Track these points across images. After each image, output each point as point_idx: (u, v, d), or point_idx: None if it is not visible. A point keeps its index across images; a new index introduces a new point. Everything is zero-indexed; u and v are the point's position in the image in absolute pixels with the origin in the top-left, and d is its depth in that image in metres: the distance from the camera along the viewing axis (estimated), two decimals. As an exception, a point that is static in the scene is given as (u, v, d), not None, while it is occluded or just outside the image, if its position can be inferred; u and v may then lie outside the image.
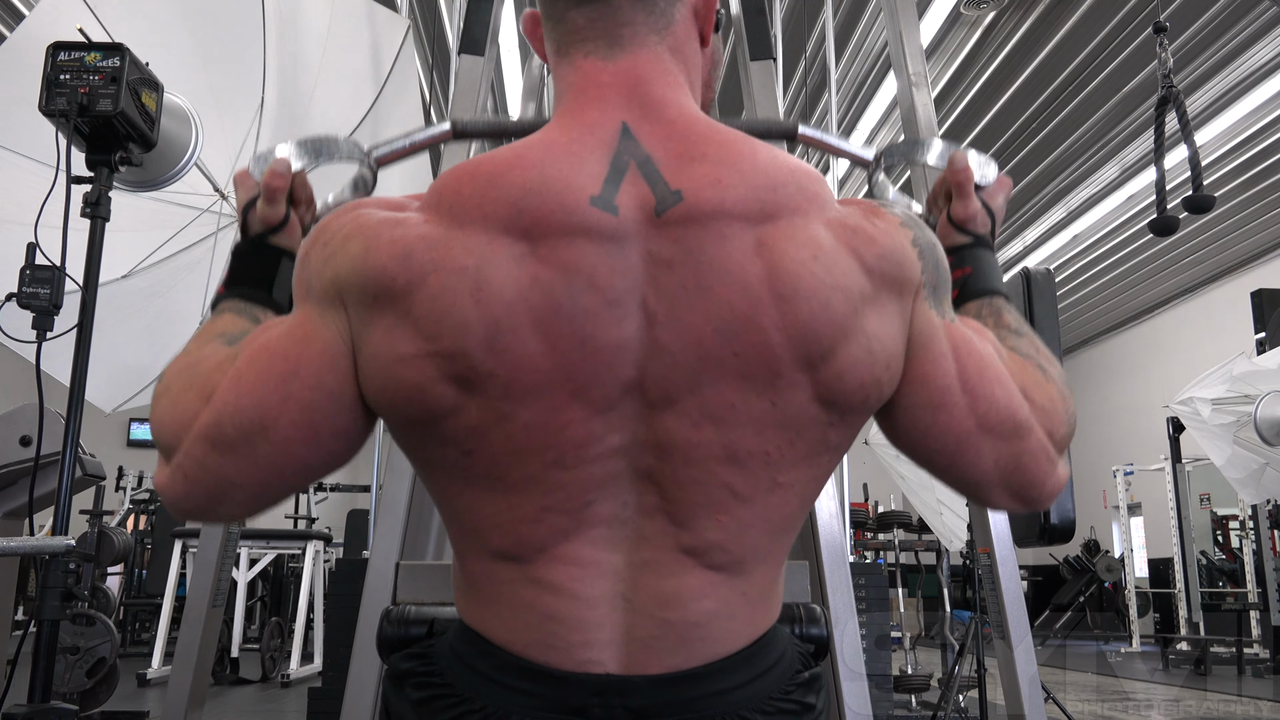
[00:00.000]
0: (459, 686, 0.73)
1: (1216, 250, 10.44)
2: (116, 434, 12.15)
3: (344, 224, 0.73)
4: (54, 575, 1.80)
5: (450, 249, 0.68)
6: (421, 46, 6.61)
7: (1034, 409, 0.78)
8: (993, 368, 0.77)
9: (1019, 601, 2.42)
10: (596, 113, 0.75)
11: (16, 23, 5.87)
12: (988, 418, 0.76)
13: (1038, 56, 6.82)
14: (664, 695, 0.71)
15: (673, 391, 0.69)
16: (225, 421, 0.71)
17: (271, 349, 0.73)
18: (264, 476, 0.73)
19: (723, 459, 0.70)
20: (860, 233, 0.73)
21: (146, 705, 4.89)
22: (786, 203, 0.71)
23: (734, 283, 0.68)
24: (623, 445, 0.70)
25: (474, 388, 0.68)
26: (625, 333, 0.68)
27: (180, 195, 2.61)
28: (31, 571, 6.28)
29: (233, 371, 0.73)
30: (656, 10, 0.78)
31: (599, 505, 0.71)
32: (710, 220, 0.69)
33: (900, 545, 6.11)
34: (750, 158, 0.72)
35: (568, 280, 0.68)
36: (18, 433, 2.45)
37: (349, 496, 12.22)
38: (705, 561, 0.72)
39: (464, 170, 0.72)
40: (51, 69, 1.89)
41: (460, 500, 0.74)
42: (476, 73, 2.30)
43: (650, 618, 0.71)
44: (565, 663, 0.71)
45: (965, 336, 0.78)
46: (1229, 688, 7.04)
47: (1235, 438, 5.21)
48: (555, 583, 0.71)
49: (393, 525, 1.97)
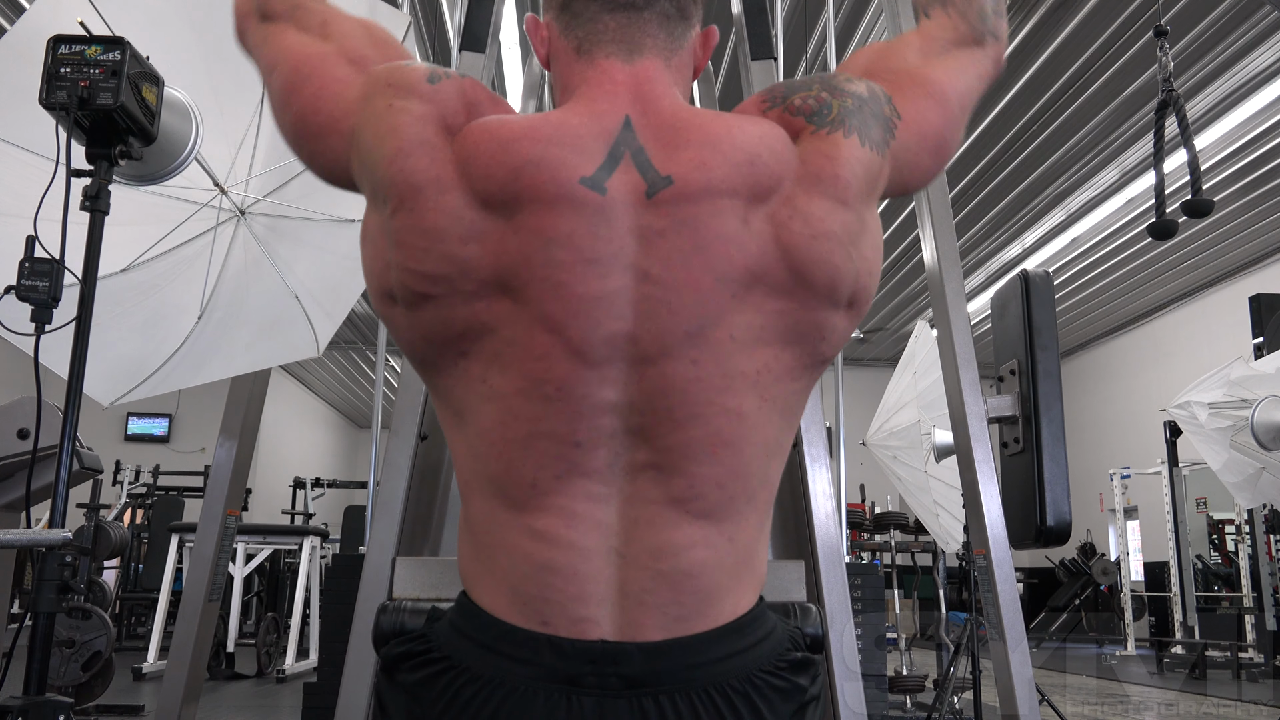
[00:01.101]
0: (457, 659, 0.76)
1: (1215, 255, 10.45)
2: (114, 428, 12.14)
3: (406, 109, 0.83)
4: (50, 568, 1.80)
5: (444, 197, 0.79)
6: (423, 43, 6.61)
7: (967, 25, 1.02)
8: (935, 86, 0.95)
9: (1014, 603, 2.43)
10: (607, 104, 0.85)
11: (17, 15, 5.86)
12: (964, 100, 0.98)
13: (1038, 59, 6.82)
14: (656, 664, 0.75)
15: (669, 340, 0.78)
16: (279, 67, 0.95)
17: (321, 73, 0.91)
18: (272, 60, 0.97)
19: (720, 388, 0.79)
20: (825, 175, 0.83)
21: (142, 699, 4.89)
22: (764, 171, 0.82)
23: (730, 241, 0.79)
24: (615, 403, 0.78)
25: (445, 295, 0.79)
26: (607, 287, 0.78)
27: (180, 190, 2.60)
28: (28, 564, 6.28)
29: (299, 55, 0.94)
30: (675, 34, 0.91)
31: (590, 452, 0.77)
32: (701, 196, 0.80)
33: (896, 546, 6.12)
34: (727, 136, 0.82)
35: (539, 238, 0.78)
36: (15, 425, 2.45)
37: (346, 493, 12.24)
38: (694, 509, 0.78)
39: (492, 127, 0.82)
40: (52, 62, 1.89)
41: (464, 406, 0.82)
42: (477, 70, 2.31)
43: (644, 569, 0.76)
44: (561, 622, 0.75)
45: (904, 92, 0.93)
46: (1224, 692, 7.05)
47: (1232, 442, 5.22)
48: (550, 532, 0.77)
49: (389, 522, 1.97)
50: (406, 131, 0.82)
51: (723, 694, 0.75)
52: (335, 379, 15.89)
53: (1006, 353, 2.81)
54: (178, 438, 12.47)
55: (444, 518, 2.23)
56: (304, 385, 16.06)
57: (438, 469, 2.23)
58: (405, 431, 2.06)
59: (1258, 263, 10.56)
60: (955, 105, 0.97)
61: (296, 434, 15.53)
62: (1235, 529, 9.48)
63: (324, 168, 0.92)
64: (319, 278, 2.66)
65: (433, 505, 2.22)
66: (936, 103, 0.95)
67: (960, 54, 1.01)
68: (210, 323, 2.64)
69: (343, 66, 0.91)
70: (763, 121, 0.85)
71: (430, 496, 2.21)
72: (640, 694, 0.74)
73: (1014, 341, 2.77)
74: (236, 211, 2.71)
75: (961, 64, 1.00)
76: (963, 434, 2.59)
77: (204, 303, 2.65)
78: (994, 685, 2.36)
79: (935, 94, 0.95)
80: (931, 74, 0.97)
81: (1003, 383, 2.80)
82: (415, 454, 2.06)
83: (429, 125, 0.82)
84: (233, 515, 2.71)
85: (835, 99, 0.87)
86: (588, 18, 0.89)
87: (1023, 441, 2.67)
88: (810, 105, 0.86)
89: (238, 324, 2.65)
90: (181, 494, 9.20)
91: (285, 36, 0.97)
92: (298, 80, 0.92)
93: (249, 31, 1.02)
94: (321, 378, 15.81)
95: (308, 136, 0.91)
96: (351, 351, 14.17)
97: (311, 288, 2.65)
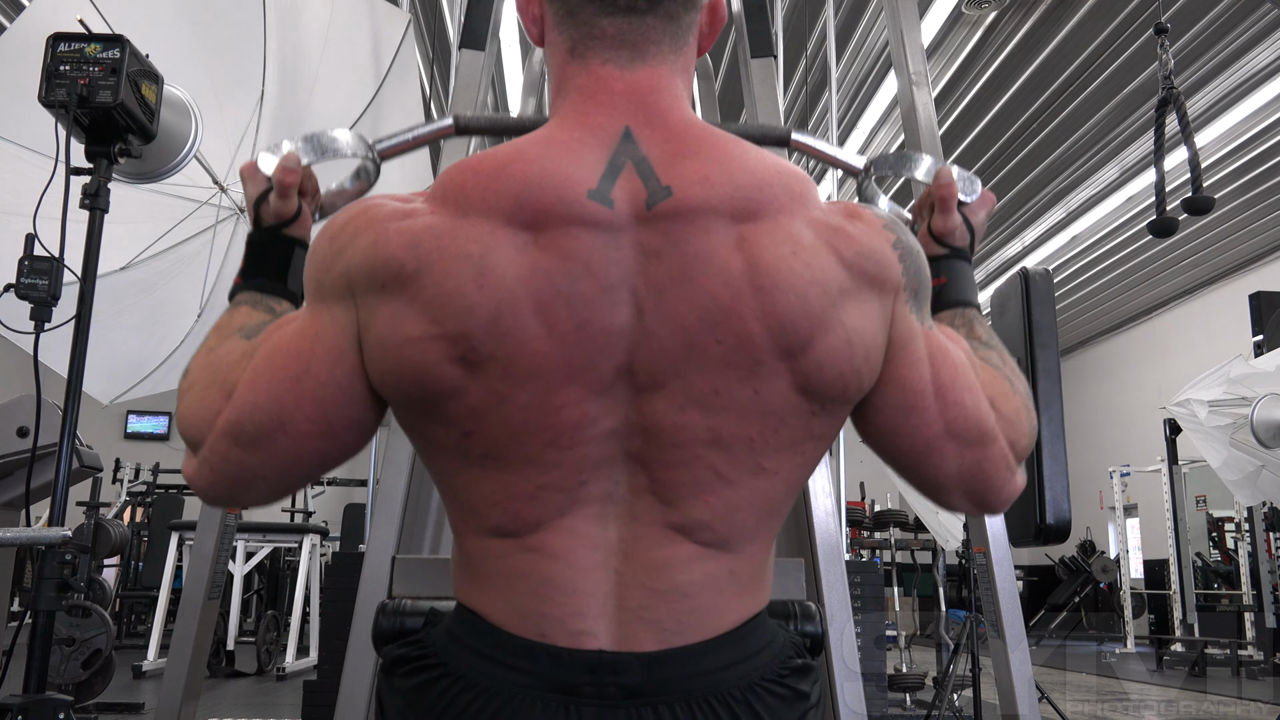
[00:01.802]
0: (454, 666, 0.75)
1: (1215, 252, 10.45)
2: (114, 426, 12.15)
3: (353, 220, 0.76)
4: (50, 566, 1.80)
5: (456, 237, 0.72)
6: (422, 40, 6.60)
7: (999, 418, 0.82)
8: (965, 376, 0.81)
9: (1014, 601, 2.42)
10: (603, 118, 0.78)
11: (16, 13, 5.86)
12: (956, 423, 0.79)
13: (1039, 57, 6.82)
14: (655, 673, 0.73)
15: (660, 376, 0.73)
16: (245, 420, 0.75)
17: (285, 348, 0.77)
18: (284, 468, 0.77)
19: (708, 442, 0.74)
20: (840, 231, 0.76)
21: (142, 697, 4.89)
22: (771, 202, 0.74)
23: (716, 274, 0.72)
24: (615, 429, 0.74)
25: (475, 369, 0.71)
26: (618, 319, 0.72)
27: (179, 188, 2.60)
28: (28, 562, 6.28)
29: (250, 370, 0.77)
30: (679, 33, 0.82)
31: (592, 485, 0.74)
32: (696, 215, 0.73)
33: (896, 544, 6.12)
34: (740, 159, 0.76)
35: (566, 268, 0.71)
36: (15, 424, 2.45)
37: (346, 491, 12.22)
38: (694, 538, 0.75)
39: (467, 166, 0.75)
40: (51, 60, 1.89)
41: (459, 479, 0.77)
42: (477, 68, 2.30)
43: (640, 587, 0.74)
44: (559, 634, 0.73)
45: (941, 344, 0.81)
46: (1224, 689, 7.06)
47: (1231, 440, 5.22)
48: (549, 549, 0.74)
49: (389, 519, 1.97)
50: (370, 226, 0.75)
51: (724, 703, 0.74)
52: (335, 377, 15.88)
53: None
54: (177, 436, 12.41)
55: (443, 516, 2.23)
56: (304, 383, 16.05)
57: (437, 467, 2.23)
58: (405, 429, 2.05)
59: (1258, 260, 10.56)
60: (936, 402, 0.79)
61: (296, 432, 15.51)
62: (1235, 526, 9.49)
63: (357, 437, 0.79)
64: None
65: (432, 503, 2.22)
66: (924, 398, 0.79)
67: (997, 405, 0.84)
68: (210, 320, 2.64)
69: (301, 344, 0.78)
70: (790, 165, 0.78)
71: (430, 495, 2.21)
72: (639, 704, 0.72)
73: (1014, 339, 2.77)
74: (236, 209, 2.71)
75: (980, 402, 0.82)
76: (962, 432, 2.58)
77: (204, 300, 2.65)
78: (993, 683, 2.36)
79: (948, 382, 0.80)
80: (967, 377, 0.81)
81: (1002, 380, 2.79)
82: (415, 452, 2.06)
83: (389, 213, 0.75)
84: (232, 513, 2.71)
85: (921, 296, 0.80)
86: (583, 19, 0.80)
87: (1022, 439, 2.66)
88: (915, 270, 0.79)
89: (237, 322, 2.65)
90: (181, 492, 9.19)
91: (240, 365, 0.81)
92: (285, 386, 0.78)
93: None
94: (321, 375, 15.79)
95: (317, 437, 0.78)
96: (351, 349, 14.15)
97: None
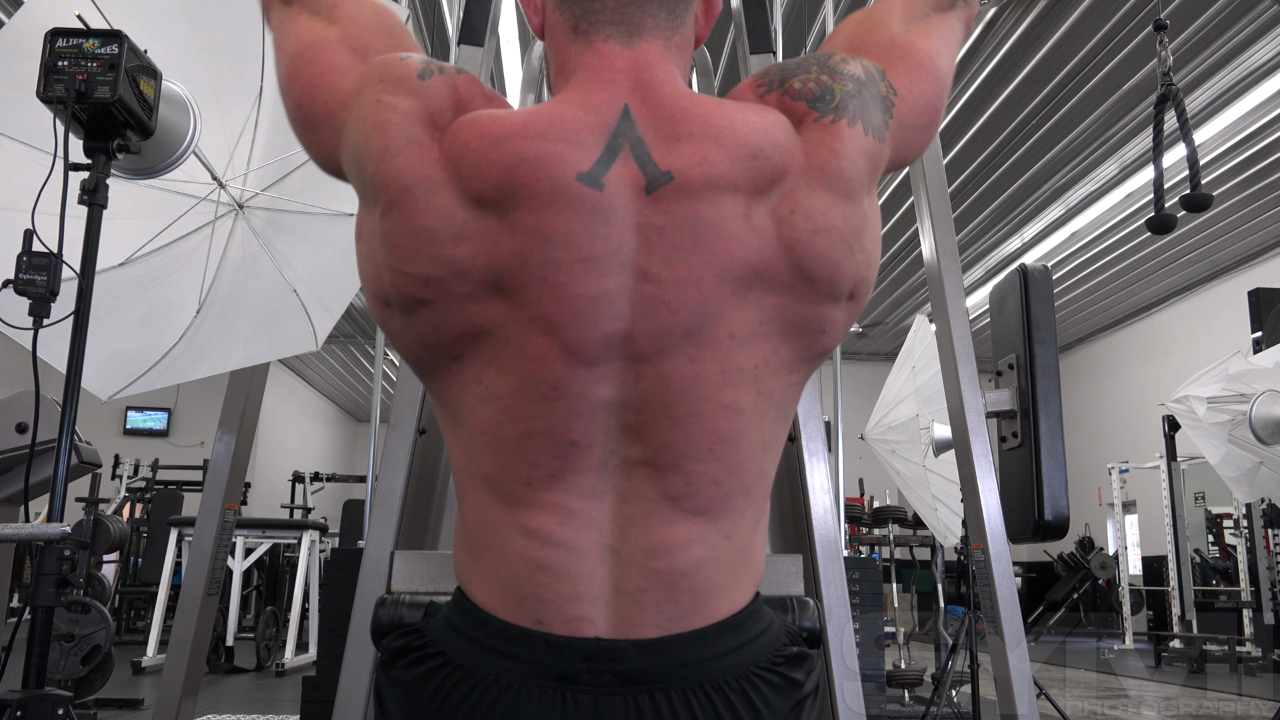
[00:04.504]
0: (453, 656, 0.76)
1: (1214, 249, 10.45)
2: (113, 421, 12.15)
3: (394, 105, 0.81)
4: (49, 562, 1.80)
5: (435, 197, 0.77)
6: (421, 36, 6.59)
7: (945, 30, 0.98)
8: (914, 54, 0.93)
9: (1013, 598, 2.43)
10: (605, 94, 0.82)
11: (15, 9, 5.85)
12: (948, 68, 0.96)
13: (1038, 53, 6.82)
14: (651, 660, 0.74)
15: (667, 338, 0.77)
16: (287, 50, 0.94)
17: (319, 60, 0.90)
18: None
19: (718, 385, 0.78)
20: (829, 169, 0.81)
21: (141, 693, 4.90)
22: (767, 165, 0.79)
23: (732, 238, 0.77)
24: (610, 401, 0.77)
25: (451, 296, 0.78)
26: (605, 286, 0.76)
27: (178, 183, 2.59)
28: (27, 558, 6.28)
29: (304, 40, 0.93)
30: (676, 12, 0.87)
31: (584, 451, 0.76)
32: (702, 191, 0.77)
33: (895, 540, 6.13)
34: (730, 128, 0.80)
35: (535, 237, 0.76)
36: (14, 419, 2.45)
37: (345, 487, 12.23)
38: (689, 506, 0.77)
39: (482, 124, 0.79)
40: (49, 55, 1.89)
41: (459, 409, 0.81)
42: (476, 63, 2.30)
43: (639, 568, 0.75)
44: (556, 621, 0.74)
45: (904, 68, 0.92)
46: (1223, 686, 7.07)
47: (1230, 436, 5.22)
48: (543, 531, 0.76)
49: (388, 516, 1.97)
50: (394, 129, 0.79)
51: (719, 690, 0.74)
52: (334, 373, 15.89)
53: (1005, 347, 2.81)
54: (176, 432, 12.48)
55: (442, 512, 2.23)
56: (303, 379, 16.06)
57: (436, 463, 2.23)
58: (404, 426, 2.05)
59: (1256, 257, 10.56)
60: (943, 73, 0.95)
61: (295, 428, 15.53)
62: (1233, 523, 9.49)
63: (319, 158, 0.90)
64: (317, 272, 2.65)
65: (431, 499, 2.22)
66: (927, 72, 0.93)
67: (940, 19, 0.99)
68: (209, 317, 2.64)
69: (343, 54, 0.89)
70: (767, 111, 0.83)
71: (429, 490, 2.21)
72: (636, 691, 0.73)
73: (1012, 336, 2.77)
74: (235, 205, 2.71)
75: (942, 29, 0.98)
76: (961, 428, 2.59)
77: (202, 297, 2.65)
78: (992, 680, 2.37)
79: (925, 63, 0.93)
80: (918, 42, 0.95)
81: (1001, 377, 2.79)
82: (414, 448, 2.06)
83: (416, 123, 0.80)
84: (232, 509, 2.71)
85: (836, 83, 0.84)
86: None
87: (1021, 436, 2.67)
88: (811, 90, 0.84)
89: (236, 318, 2.65)
90: (180, 488, 9.21)
91: (297, 20, 0.95)
92: (298, 65, 0.90)
93: (270, 13, 1.01)
94: (320, 372, 15.80)
95: (303, 124, 0.89)
96: (350, 345, 14.16)
97: (310, 282, 2.64)
